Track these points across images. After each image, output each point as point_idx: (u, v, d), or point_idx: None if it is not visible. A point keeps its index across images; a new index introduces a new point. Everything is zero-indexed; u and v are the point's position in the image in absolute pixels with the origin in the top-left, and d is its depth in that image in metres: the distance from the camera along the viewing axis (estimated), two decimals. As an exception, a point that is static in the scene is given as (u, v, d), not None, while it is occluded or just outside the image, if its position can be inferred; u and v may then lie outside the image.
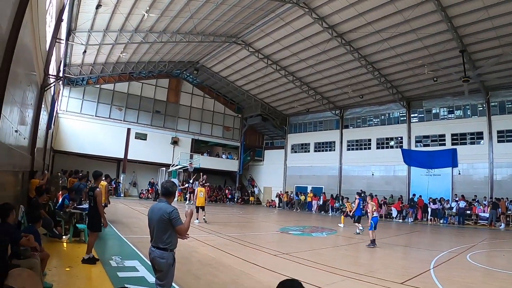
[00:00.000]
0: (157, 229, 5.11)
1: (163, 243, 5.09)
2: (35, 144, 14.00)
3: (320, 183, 40.52)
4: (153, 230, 5.15)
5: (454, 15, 21.95)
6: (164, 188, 5.42)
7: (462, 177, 30.25)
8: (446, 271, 9.68)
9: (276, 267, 9.22)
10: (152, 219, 5.18)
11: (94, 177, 9.52)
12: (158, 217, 5.08)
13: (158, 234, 5.10)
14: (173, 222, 5.05)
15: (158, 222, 5.09)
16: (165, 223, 5.07)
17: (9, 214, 5.97)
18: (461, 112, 31.30)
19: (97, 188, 8.83)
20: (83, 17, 24.07)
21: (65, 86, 34.48)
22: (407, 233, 20.92)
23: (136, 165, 39.97)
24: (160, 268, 5.10)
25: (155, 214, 5.14)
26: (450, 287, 7.78)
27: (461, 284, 8.26)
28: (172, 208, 5.10)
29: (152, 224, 5.18)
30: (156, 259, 5.09)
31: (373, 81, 32.17)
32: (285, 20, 26.77)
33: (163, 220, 5.05)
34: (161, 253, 5.07)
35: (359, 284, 7.97)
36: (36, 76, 12.71)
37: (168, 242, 5.11)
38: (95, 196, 8.64)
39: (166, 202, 5.28)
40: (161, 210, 5.11)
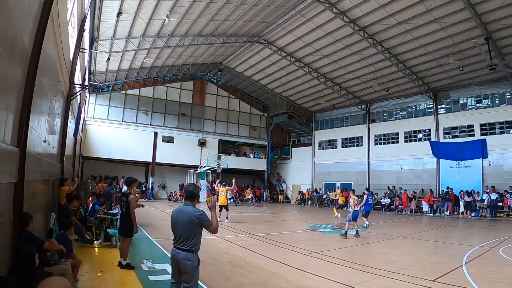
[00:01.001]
0: (185, 232, 5.17)
1: (189, 245, 5.15)
2: (64, 152, 14.20)
3: (348, 179, 40.22)
4: (180, 233, 5.21)
5: (477, 2, 21.45)
6: (188, 191, 5.49)
7: (492, 168, 29.55)
8: (479, 267, 9.46)
9: (306, 266, 9.17)
10: (179, 222, 5.24)
11: (127, 184, 9.60)
12: (187, 220, 5.15)
13: (185, 237, 5.16)
14: (204, 225, 5.16)
15: (186, 225, 5.16)
16: (194, 226, 5.15)
17: (29, 223, 6.07)
18: (489, 101, 30.61)
19: (130, 194, 8.92)
20: (105, 26, 24.49)
21: (91, 93, 35.03)
22: (438, 227, 20.52)
23: (164, 168, 40.30)
24: (186, 270, 5.14)
25: (183, 217, 5.21)
26: (483, 284, 7.57)
27: (494, 280, 8.06)
28: (200, 211, 5.20)
29: (178, 226, 5.24)
30: (182, 261, 5.14)
31: (398, 74, 31.84)
32: (305, 16, 26.71)
33: (192, 223, 5.13)
34: (187, 255, 5.12)
35: (390, 282, 7.86)
36: (62, 86, 12.87)
37: (194, 244, 5.19)
38: (128, 202, 8.72)
39: (192, 205, 5.35)
40: (190, 214, 5.18)
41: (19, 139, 5.89)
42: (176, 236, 5.27)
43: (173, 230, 5.33)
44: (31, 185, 7.44)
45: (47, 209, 10.32)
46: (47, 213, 10.15)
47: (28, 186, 6.80)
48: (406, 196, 31.46)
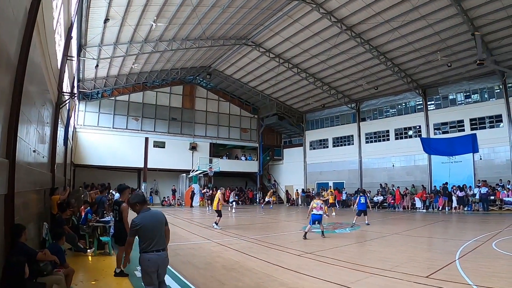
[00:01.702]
0: (160, 233, 5.59)
1: (164, 244, 5.64)
2: (54, 161, 14.13)
3: (341, 178, 40.40)
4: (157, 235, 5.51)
5: (463, -2, 21.67)
6: (141, 197, 5.90)
7: (483, 162, 29.81)
8: (472, 261, 9.51)
9: (300, 267, 9.18)
10: (153, 225, 5.55)
11: (119, 191, 9.54)
12: (159, 222, 5.66)
13: (161, 237, 5.57)
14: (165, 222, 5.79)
15: (160, 226, 5.62)
16: (163, 225, 5.68)
17: (21, 234, 6.07)
18: (478, 96, 30.87)
19: (123, 202, 8.83)
20: (92, 32, 24.46)
21: (81, 100, 34.92)
22: (431, 223, 20.62)
23: (156, 173, 40.27)
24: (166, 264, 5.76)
25: (156, 220, 5.63)
26: (476, 278, 7.62)
27: (488, 274, 8.12)
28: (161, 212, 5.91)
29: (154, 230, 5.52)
30: (166, 260, 5.68)
31: (386, 72, 32.08)
32: (293, 17, 26.87)
33: (163, 223, 5.70)
34: (166, 253, 5.65)
35: (383, 280, 7.88)
36: (50, 95, 12.79)
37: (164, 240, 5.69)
38: (121, 211, 8.71)
39: (148, 208, 5.81)
40: (158, 215, 5.75)
41: (8, 150, 5.89)
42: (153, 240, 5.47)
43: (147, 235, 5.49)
44: (22, 196, 7.41)
45: (39, 219, 10.26)
46: (39, 223, 10.08)
47: (18, 197, 6.78)
48: (399, 193, 31.59)
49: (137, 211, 5.70)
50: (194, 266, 9.50)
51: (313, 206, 14.97)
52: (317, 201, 15.11)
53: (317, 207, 14.83)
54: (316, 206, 14.85)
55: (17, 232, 6.02)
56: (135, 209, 5.75)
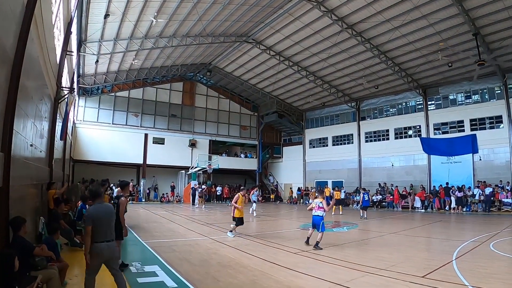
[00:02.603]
0: (109, 225, 5.99)
1: (113, 235, 6.07)
2: (52, 156, 14.09)
3: (340, 176, 40.31)
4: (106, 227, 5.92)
5: (464, -2, 21.60)
6: (93, 191, 6.36)
7: (483, 163, 29.78)
8: (469, 262, 9.50)
9: (296, 265, 9.17)
10: (103, 218, 5.92)
11: (121, 187, 9.60)
12: (110, 214, 6.12)
13: (110, 229, 6.00)
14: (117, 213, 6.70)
15: (110, 218, 6.06)
16: (114, 217, 6.24)
17: (21, 228, 6.07)
18: (479, 97, 30.82)
19: (122, 196, 8.92)
20: (92, 28, 24.37)
21: (81, 96, 34.95)
22: (430, 223, 20.58)
23: (155, 169, 40.27)
24: (117, 255, 6.26)
25: (107, 213, 6.04)
26: (472, 279, 7.59)
27: (484, 274, 8.09)
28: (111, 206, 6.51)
29: (104, 222, 5.89)
30: (116, 249, 6.18)
31: (387, 71, 32.00)
32: (294, 15, 26.76)
33: (113, 214, 6.24)
34: (115, 243, 6.14)
35: (379, 279, 7.85)
36: (49, 89, 12.77)
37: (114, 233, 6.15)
38: (119, 205, 8.68)
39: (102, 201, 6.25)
40: (109, 208, 6.26)
41: (4, 144, 5.87)
42: (102, 231, 5.86)
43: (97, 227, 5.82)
44: (17, 190, 7.37)
45: (36, 214, 10.22)
46: (36, 218, 10.06)
47: (14, 191, 6.74)
48: (398, 193, 31.55)
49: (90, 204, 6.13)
50: (190, 262, 9.47)
51: (312, 206, 12.39)
52: (316, 200, 12.30)
53: (315, 207, 12.07)
54: (315, 206, 12.08)
55: (16, 225, 6.05)
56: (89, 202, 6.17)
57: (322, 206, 12.00)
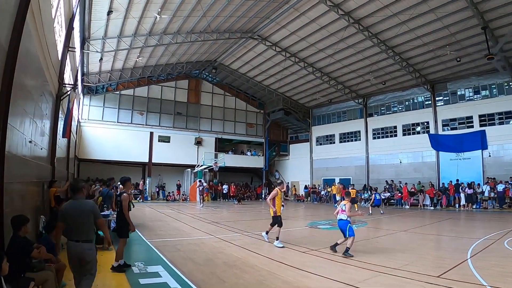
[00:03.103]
0: (82, 223, 5.51)
1: (88, 235, 5.57)
2: (54, 154, 13.89)
3: (347, 174, 40.01)
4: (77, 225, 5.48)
5: (473, -9, 21.20)
6: (72, 186, 5.93)
7: (493, 159, 29.31)
8: (484, 260, 9.14)
9: (304, 265, 8.85)
10: (74, 215, 5.51)
11: (121, 183, 9.44)
12: (82, 212, 5.54)
13: (82, 228, 5.51)
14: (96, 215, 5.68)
15: (83, 217, 5.53)
16: (90, 217, 5.59)
17: (21, 227, 5.82)
18: (488, 92, 30.32)
19: (124, 193, 8.78)
20: (95, 25, 24.13)
21: (85, 95, 34.82)
22: (440, 221, 20.22)
23: (161, 168, 40.05)
24: (90, 259, 5.53)
25: (79, 209, 5.55)
26: (490, 278, 7.24)
27: (502, 274, 7.76)
28: (91, 203, 5.87)
29: (74, 220, 5.49)
30: (85, 252, 5.48)
31: (394, 66, 31.58)
32: (299, 10, 26.38)
33: (88, 214, 5.57)
34: (88, 245, 5.55)
35: (392, 279, 7.53)
36: (50, 86, 12.54)
37: (91, 234, 5.69)
38: (121, 201, 8.61)
39: (82, 197, 5.82)
40: (85, 206, 5.65)
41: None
42: (71, 229, 5.51)
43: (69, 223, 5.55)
44: (14, 187, 7.15)
45: (37, 212, 10.05)
46: (36, 216, 9.85)
47: (10, 188, 6.60)
48: (407, 190, 31.16)
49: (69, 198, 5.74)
50: (195, 262, 9.18)
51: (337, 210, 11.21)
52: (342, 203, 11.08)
53: (339, 210, 10.98)
54: (339, 209, 10.99)
55: (16, 224, 5.83)
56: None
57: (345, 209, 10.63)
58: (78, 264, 5.51)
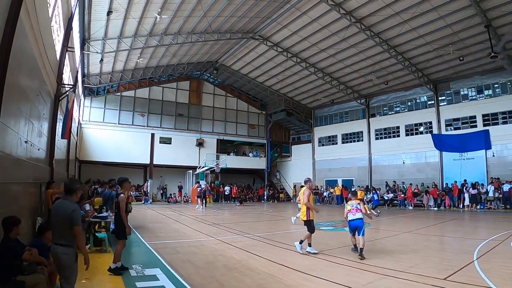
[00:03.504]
0: (61, 226, 5.20)
1: (66, 240, 5.17)
2: (53, 155, 13.72)
3: (350, 175, 39.85)
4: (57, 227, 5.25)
5: (476, -12, 21.01)
6: (65, 185, 5.65)
7: (496, 159, 29.14)
8: (492, 262, 8.89)
9: (307, 268, 8.60)
10: (56, 216, 5.29)
11: (119, 184, 9.10)
12: (62, 214, 5.19)
13: (62, 231, 5.19)
14: (73, 222, 5.17)
15: (62, 219, 5.18)
16: (67, 221, 5.17)
17: (13, 229, 5.61)
18: (491, 91, 30.13)
19: (121, 194, 8.50)
20: (95, 25, 23.98)
21: (86, 96, 34.75)
22: (444, 221, 19.98)
23: (162, 169, 39.87)
24: (64, 264, 5.18)
25: (60, 211, 5.25)
26: (498, 280, 6.99)
27: (510, 276, 7.54)
28: (74, 207, 5.29)
29: (55, 221, 5.29)
30: (59, 255, 5.16)
31: (397, 66, 31.39)
32: (301, 10, 26.19)
33: (66, 217, 5.14)
34: (64, 249, 5.15)
35: (398, 282, 7.30)
36: (48, 86, 12.37)
37: (70, 238, 5.21)
38: (119, 202, 8.34)
39: (71, 200, 5.41)
40: (64, 207, 5.25)
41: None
42: (54, 231, 5.33)
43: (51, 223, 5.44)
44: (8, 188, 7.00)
45: (34, 213, 9.86)
46: (33, 218, 9.66)
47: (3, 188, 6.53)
48: (411, 191, 30.93)
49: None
50: (194, 265, 8.93)
51: (347, 209, 10.77)
52: (351, 202, 10.77)
53: (352, 209, 10.53)
54: (351, 208, 10.55)
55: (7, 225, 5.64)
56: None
57: (360, 208, 10.40)
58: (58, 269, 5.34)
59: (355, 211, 10.36)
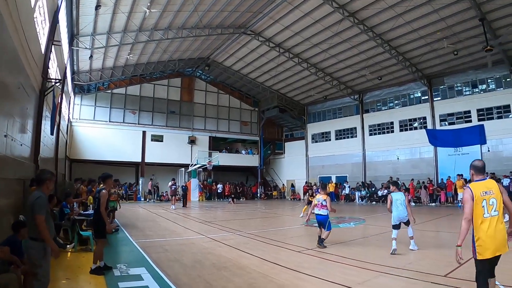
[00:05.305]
0: (29, 218, 5.05)
1: (34, 232, 4.94)
2: (38, 151, 13.29)
3: (344, 171, 39.63)
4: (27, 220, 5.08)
5: (470, -19, 20.78)
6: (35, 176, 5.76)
7: (492, 154, 28.88)
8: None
9: (300, 266, 8.25)
10: (26, 207, 5.16)
11: (102, 180, 8.74)
12: (28, 204, 5.01)
13: (29, 223, 5.02)
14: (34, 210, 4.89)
15: (28, 210, 5.01)
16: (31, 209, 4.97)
17: None
18: (485, 86, 29.98)
19: (103, 189, 8.12)
20: (84, 20, 23.49)
21: (76, 94, 34.26)
22: (440, 217, 19.82)
23: (154, 167, 39.44)
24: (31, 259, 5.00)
25: (27, 202, 5.10)
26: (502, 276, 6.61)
27: (511, 271, 7.23)
28: (38, 195, 5.04)
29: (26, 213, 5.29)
30: (27, 250, 5.02)
31: (390, 61, 31.11)
32: (293, 4, 25.76)
33: (30, 206, 4.95)
34: (31, 243, 4.96)
35: (396, 280, 6.99)
36: (32, 80, 11.96)
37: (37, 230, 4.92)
38: (99, 198, 7.93)
39: (40, 190, 5.19)
40: (30, 198, 5.06)
41: None
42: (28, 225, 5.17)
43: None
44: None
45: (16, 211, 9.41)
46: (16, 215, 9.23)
47: None
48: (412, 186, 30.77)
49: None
50: (182, 264, 8.54)
51: (314, 203, 11.00)
52: (319, 197, 10.91)
53: (318, 204, 10.73)
54: (317, 203, 10.75)
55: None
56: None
57: (325, 204, 10.61)
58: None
59: (320, 207, 10.67)
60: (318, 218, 10.76)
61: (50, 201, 10.15)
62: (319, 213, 10.67)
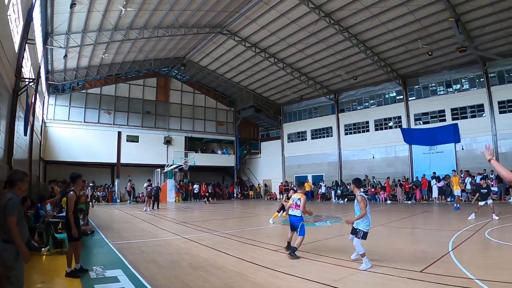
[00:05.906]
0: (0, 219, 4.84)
1: (6, 234, 4.82)
2: (11, 152, 13.08)
3: (320, 170, 39.96)
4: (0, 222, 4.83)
5: (445, -17, 21.13)
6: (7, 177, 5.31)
7: (466, 152, 29.74)
8: (468, 252, 8.88)
9: (277, 264, 8.29)
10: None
11: (71, 180, 8.32)
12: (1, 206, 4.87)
13: (2, 225, 4.85)
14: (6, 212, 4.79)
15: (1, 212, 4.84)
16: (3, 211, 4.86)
17: None
18: (459, 86, 30.63)
19: (71, 191, 7.85)
20: (58, 19, 23.20)
21: (51, 94, 33.76)
22: (415, 214, 20.07)
23: (130, 168, 39.08)
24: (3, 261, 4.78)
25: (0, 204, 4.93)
26: (476, 270, 6.84)
27: (487, 265, 7.49)
28: (10, 196, 4.93)
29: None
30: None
31: (366, 61, 31.52)
32: (269, 4, 25.88)
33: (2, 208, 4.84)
34: (3, 246, 4.79)
35: (372, 277, 7.07)
36: (5, 80, 11.76)
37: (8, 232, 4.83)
38: (66, 200, 7.79)
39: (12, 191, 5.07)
40: (3, 200, 4.95)
41: None
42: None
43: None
44: None
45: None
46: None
47: None
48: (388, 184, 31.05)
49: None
50: (158, 265, 8.50)
51: (289, 202, 10.15)
52: (294, 196, 10.03)
53: (292, 204, 9.80)
54: (292, 203, 9.83)
55: None
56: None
57: (299, 204, 9.51)
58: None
59: (294, 206, 9.69)
60: (291, 219, 9.77)
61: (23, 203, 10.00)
62: (293, 214, 9.66)
